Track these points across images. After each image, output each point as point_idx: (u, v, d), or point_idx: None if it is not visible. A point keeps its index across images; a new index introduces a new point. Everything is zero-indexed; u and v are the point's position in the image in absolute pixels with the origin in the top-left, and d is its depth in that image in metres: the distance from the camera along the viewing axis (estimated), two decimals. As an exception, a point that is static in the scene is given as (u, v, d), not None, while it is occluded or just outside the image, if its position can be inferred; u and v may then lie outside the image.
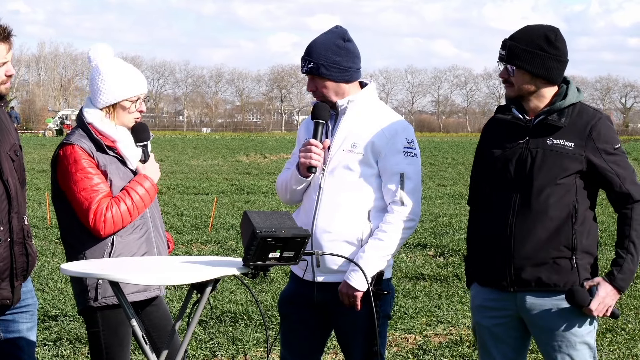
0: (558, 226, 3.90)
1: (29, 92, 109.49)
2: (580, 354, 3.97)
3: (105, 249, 4.28)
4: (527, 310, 3.99)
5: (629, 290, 9.25)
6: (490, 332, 4.09)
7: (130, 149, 4.41)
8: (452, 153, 43.47)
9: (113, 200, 4.27)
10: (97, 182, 4.27)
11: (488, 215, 4.05)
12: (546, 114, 3.96)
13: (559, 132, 3.93)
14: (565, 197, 3.91)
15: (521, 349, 4.14)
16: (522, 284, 3.96)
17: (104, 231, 4.25)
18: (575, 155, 3.90)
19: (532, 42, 3.91)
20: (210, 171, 29.77)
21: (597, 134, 3.91)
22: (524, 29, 3.99)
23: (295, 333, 4.34)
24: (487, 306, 4.09)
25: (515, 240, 3.94)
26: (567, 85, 4.00)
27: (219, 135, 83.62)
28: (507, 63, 3.96)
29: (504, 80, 4.00)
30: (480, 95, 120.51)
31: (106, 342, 4.33)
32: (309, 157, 4.17)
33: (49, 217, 14.23)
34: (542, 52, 3.91)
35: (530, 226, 3.92)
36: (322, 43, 4.19)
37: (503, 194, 3.99)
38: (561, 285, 3.93)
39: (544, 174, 3.91)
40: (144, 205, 4.36)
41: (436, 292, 9.16)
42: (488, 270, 4.04)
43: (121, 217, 4.27)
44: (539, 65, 3.91)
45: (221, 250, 11.84)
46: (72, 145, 4.30)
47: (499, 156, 4.02)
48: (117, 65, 4.42)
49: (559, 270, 3.92)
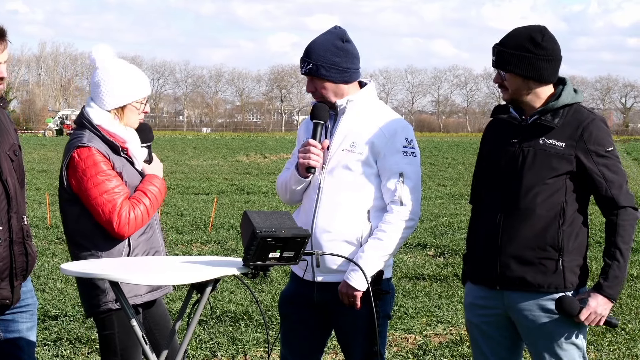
0: (545, 226, 3.90)
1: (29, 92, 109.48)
2: (568, 354, 3.96)
3: (122, 249, 4.27)
4: (513, 309, 4.00)
5: (629, 290, 9.25)
6: (481, 330, 4.10)
7: (138, 149, 4.42)
8: (452, 153, 43.49)
9: (133, 202, 4.27)
10: (117, 184, 4.25)
11: (482, 214, 4.08)
12: (540, 114, 3.97)
13: (551, 132, 3.93)
14: (554, 197, 3.90)
15: (514, 349, 4.13)
16: (507, 282, 3.97)
17: (128, 232, 4.24)
18: (565, 156, 3.89)
19: (519, 45, 3.92)
20: (210, 171, 29.78)
21: (588, 135, 3.90)
22: (511, 32, 4.00)
23: (295, 333, 4.34)
24: (477, 304, 4.10)
25: (503, 238, 3.95)
26: (563, 87, 4.00)
27: (219, 135, 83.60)
28: (498, 68, 3.98)
29: (499, 85, 4.02)
30: (480, 95, 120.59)
31: (122, 344, 4.30)
32: (307, 157, 4.18)
33: (49, 217, 14.22)
34: (530, 54, 3.91)
35: (517, 224, 3.92)
36: (321, 44, 4.19)
37: (493, 192, 4.01)
38: (545, 287, 3.93)
39: (532, 173, 3.91)
40: (159, 204, 4.40)
41: (436, 292, 9.16)
42: (479, 268, 4.07)
43: (142, 218, 4.28)
44: (528, 67, 3.91)
45: (221, 250, 11.84)
46: (87, 147, 4.24)
47: (492, 155, 4.06)
48: (124, 67, 4.41)
49: (545, 270, 3.92)
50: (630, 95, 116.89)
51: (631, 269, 10.37)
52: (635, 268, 10.42)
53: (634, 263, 10.81)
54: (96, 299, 4.29)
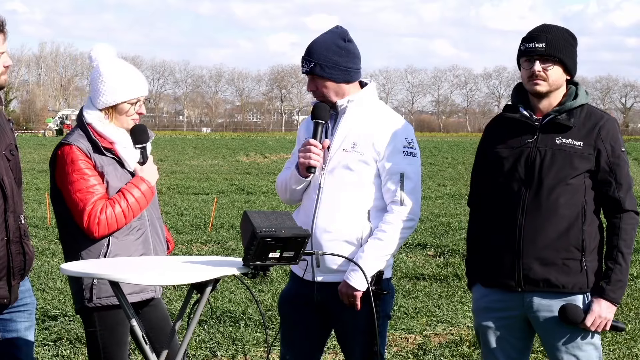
0: (568, 226, 3.89)
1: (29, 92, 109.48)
2: (586, 354, 3.96)
3: (101, 249, 4.27)
4: (534, 310, 3.98)
5: (629, 290, 9.25)
6: (495, 334, 4.07)
7: (129, 150, 4.40)
8: (452, 153, 43.50)
9: (108, 202, 4.26)
10: (93, 184, 4.26)
11: (493, 215, 4.03)
12: (556, 113, 3.95)
13: (568, 132, 3.92)
14: (575, 197, 3.89)
15: (524, 350, 4.13)
16: (530, 283, 3.94)
17: (98, 233, 4.24)
18: (584, 154, 3.89)
19: (565, 38, 3.93)
20: (210, 171, 29.78)
21: (605, 133, 3.91)
22: (546, 26, 3.97)
23: (295, 333, 4.34)
24: (493, 307, 4.06)
25: (525, 239, 3.91)
26: (577, 87, 4.00)
27: (219, 135, 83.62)
28: (549, 56, 3.90)
29: (536, 76, 3.91)
30: (480, 95, 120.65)
31: (103, 342, 4.33)
32: (308, 157, 4.17)
33: (49, 217, 14.23)
34: (574, 49, 3.95)
35: (540, 225, 3.90)
36: (322, 43, 4.19)
37: (511, 193, 3.96)
38: (569, 287, 3.91)
39: (554, 173, 3.89)
40: (140, 208, 4.35)
41: (436, 292, 9.15)
42: (494, 270, 4.02)
43: (115, 220, 4.26)
44: (573, 60, 3.95)
45: (221, 250, 11.84)
46: (69, 145, 4.30)
47: (506, 156, 4.00)
48: (117, 67, 4.41)
49: (568, 271, 3.90)
50: (630, 95, 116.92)
51: (631, 269, 10.37)
52: (636, 268, 10.42)
53: (634, 263, 10.81)
54: (77, 296, 4.34)
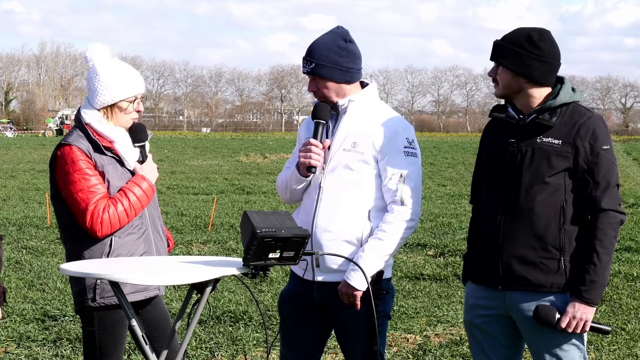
0: (545, 225, 3.89)
1: (29, 92, 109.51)
2: (568, 354, 3.95)
3: (104, 249, 4.28)
4: (515, 309, 3.99)
5: (629, 290, 9.25)
6: (483, 331, 4.09)
7: (128, 149, 4.40)
8: (452, 153, 43.49)
9: (110, 202, 4.26)
10: (94, 183, 4.26)
11: (482, 214, 4.08)
12: (537, 112, 3.97)
13: (549, 131, 3.92)
14: (554, 196, 3.89)
15: (516, 348, 4.12)
16: (509, 282, 3.96)
17: (101, 232, 4.25)
18: (562, 153, 3.87)
19: (515, 41, 3.95)
20: (210, 171, 29.77)
21: (585, 131, 3.88)
22: (514, 30, 4.03)
23: (295, 332, 4.34)
24: (479, 304, 4.09)
25: (504, 238, 3.94)
26: (561, 85, 4.00)
27: (219, 135, 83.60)
28: (492, 61, 4.01)
29: (492, 79, 4.05)
30: (480, 95, 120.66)
31: (100, 342, 4.33)
32: (308, 156, 4.18)
33: (49, 217, 14.23)
34: (522, 51, 3.92)
35: (518, 224, 3.92)
36: (323, 44, 4.19)
37: (493, 192, 4.01)
38: (547, 286, 3.91)
39: (531, 172, 3.90)
40: (142, 206, 4.35)
41: (436, 292, 9.16)
42: (480, 268, 4.06)
43: (118, 219, 4.27)
44: (519, 63, 3.93)
45: (221, 250, 11.84)
46: (69, 145, 4.30)
47: (491, 155, 4.06)
48: (114, 66, 4.41)
49: (547, 270, 3.90)
50: (630, 95, 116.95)
51: (631, 268, 10.37)
52: (636, 268, 10.42)
53: (634, 263, 10.81)
54: (79, 296, 4.34)
